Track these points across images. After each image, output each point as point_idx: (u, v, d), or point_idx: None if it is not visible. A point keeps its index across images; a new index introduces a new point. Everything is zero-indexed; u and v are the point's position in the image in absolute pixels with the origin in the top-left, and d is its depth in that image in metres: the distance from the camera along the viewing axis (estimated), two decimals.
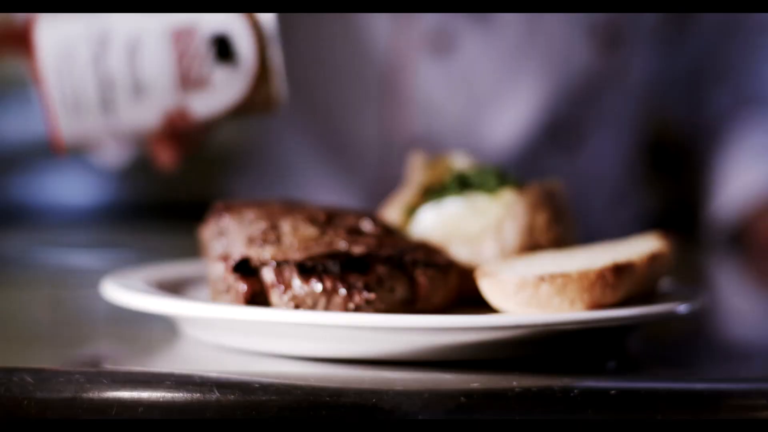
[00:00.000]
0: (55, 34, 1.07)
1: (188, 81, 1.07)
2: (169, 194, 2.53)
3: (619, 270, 0.93)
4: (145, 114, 1.09)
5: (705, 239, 1.92)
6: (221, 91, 1.08)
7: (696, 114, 2.01)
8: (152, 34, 1.06)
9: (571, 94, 1.82)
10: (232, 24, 1.07)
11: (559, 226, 1.06)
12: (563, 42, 1.79)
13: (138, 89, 1.06)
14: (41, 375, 0.85)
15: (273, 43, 1.08)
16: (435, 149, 1.78)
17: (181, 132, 1.13)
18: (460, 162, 1.13)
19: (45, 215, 2.73)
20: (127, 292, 0.96)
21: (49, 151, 2.37)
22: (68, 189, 2.82)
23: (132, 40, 1.06)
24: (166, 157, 1.17)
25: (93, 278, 1.08)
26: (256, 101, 1.09)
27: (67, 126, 1.09)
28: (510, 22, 1.77)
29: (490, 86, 1.80)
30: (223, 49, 1.07)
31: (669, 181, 2.46)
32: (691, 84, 1.99)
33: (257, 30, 1.07)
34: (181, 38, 1.06)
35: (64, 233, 2.23)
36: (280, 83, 1.10)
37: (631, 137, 1.96)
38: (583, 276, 0.92)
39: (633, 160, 1.99)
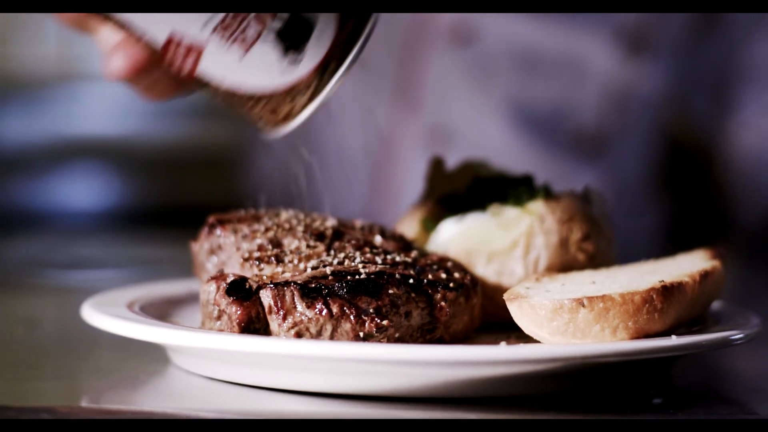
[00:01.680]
0: None
1: (224, 29, 0.82)
2: (177, 197, 2.45)
3: (669, 292, 0.82)
4: (154, 24, 0.84)
5: (734, 250, 1.82)
6: (249, 69, 0.83)
7: (719, 119, 1.93)
8: None
9: (593, 99, 1.75)
10: (322, 18, 0.83)
11: (597, 240, 0.95)
12: (585, 45, 1.71)
13: None
14: (2, 413, 0.75)
15: (348, 61, 0.83)
16: (444, 146, 1.71)
17: (170, 68, 0.89)
18: (483, 170, 1.02)
19: (49, 219, 2.67)
20: (107, 316, 0.85)
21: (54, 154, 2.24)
22: (73, 193, 2.76)
23: None
24: (118, 65, 0.91)
25: (81, 296, 0.97)
26: (273, 109, 0.86)
27: None
28: (528, 19, 1.70)
29: (505, 83, 1.72)
30: (292, 30, 0.82)
31: (689, 190, 2.38)
32: (715, 88, 1.91)
33: (342, 41, 0.83)
34: None
35: (65, 241, 2.14)
36: (314, 108, 0.85)
37: (653, 146, 1.89)
38: (627, 299, 0.81)
39: (654, 168, 1.91)
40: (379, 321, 0.81)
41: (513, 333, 0.89)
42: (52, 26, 3.19)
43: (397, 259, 0.88)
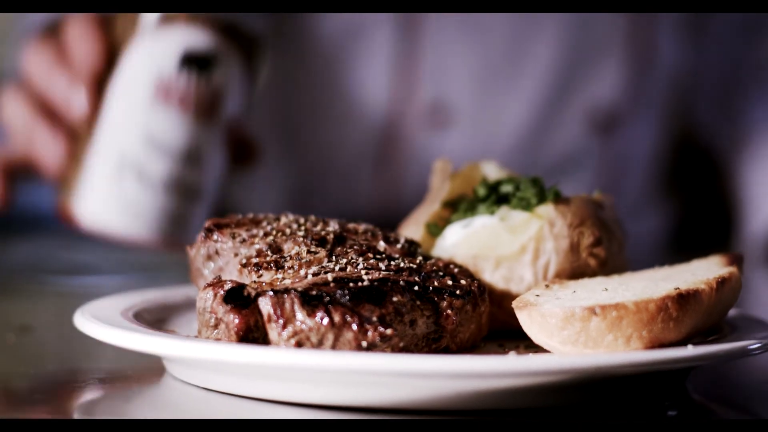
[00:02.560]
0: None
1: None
2: None
3: (684, 300, 0.79)
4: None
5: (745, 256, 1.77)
6: None
7: (728, 122, 1.88)
8: None
9: (599, 66, 1.71)
10: None
11: (608, 245, 0.91)
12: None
13: None
14: None
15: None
16: (447, 120, 1.67)
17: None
18: (491, 171, 0.99)
19: (48, 221, 2.62)
20: (100, 325, 0.82)
21: None
22: None
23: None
24: None
25: (77, 303, 0.94)
26: None
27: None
28: None
29: (507, 48, 1.68)
30: None
31: (696, 191, 2.34)
32: (723, 89, 1.87)
33: None
34: None
35: (63, 244, 2.10)
36: None
37: (662, 130, 1.85)
38: (641, 307, 0.77)
39: (662, 160, 1.88)
40: (382, 330, 0.78)
41: (522, 342, 0.86)
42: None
43: (402, 265, 0.85)
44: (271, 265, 0.83)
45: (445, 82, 1.69)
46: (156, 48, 1.03)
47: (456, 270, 0.87)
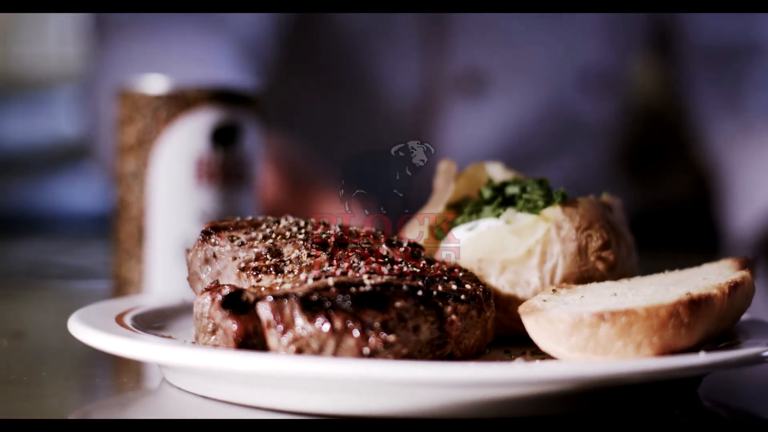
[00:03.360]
0: None
1: None
2: None
3: (696, 305, 0.76)
4: None
5: (726, 252, 1.75)
6: None
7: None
8: None
9: (585, 37, 1.75)
10: None
11: (617, 249, 0.89)
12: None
13: None
14: None
15: None
16: (481, 88, 1.67)
17: None
18: (496, 173, 0.96)
19: (49, 223, 2.62)
20: (94, 331, 0.80)
21: (55, 156, 2.22)
22: (74, 195, 2.72)
23: None
24: None
25: (74, 306, 0.91)
26: None
27: None
28: None
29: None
30: None
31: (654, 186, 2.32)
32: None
33: None
34: None
35: (64, 246, 2.09)
36: None
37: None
38: (651, 313, 0.75)
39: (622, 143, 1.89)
40: (385, 336, 0.75)
41: (528, 348, 0.84)
42: (53, 26, 3.14)
43: (405, 268, 0.83)
44: (271, 269, 0.81)
45: (477, 49, 1.70)
46: (186, 132, 1.11)
47: (461, 274, 0.85)
